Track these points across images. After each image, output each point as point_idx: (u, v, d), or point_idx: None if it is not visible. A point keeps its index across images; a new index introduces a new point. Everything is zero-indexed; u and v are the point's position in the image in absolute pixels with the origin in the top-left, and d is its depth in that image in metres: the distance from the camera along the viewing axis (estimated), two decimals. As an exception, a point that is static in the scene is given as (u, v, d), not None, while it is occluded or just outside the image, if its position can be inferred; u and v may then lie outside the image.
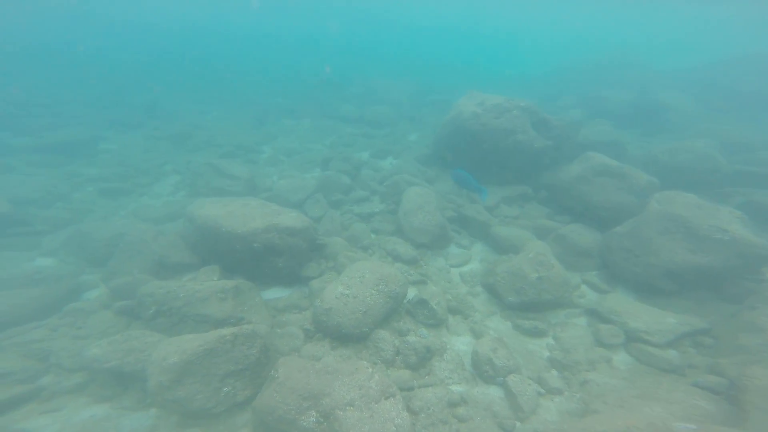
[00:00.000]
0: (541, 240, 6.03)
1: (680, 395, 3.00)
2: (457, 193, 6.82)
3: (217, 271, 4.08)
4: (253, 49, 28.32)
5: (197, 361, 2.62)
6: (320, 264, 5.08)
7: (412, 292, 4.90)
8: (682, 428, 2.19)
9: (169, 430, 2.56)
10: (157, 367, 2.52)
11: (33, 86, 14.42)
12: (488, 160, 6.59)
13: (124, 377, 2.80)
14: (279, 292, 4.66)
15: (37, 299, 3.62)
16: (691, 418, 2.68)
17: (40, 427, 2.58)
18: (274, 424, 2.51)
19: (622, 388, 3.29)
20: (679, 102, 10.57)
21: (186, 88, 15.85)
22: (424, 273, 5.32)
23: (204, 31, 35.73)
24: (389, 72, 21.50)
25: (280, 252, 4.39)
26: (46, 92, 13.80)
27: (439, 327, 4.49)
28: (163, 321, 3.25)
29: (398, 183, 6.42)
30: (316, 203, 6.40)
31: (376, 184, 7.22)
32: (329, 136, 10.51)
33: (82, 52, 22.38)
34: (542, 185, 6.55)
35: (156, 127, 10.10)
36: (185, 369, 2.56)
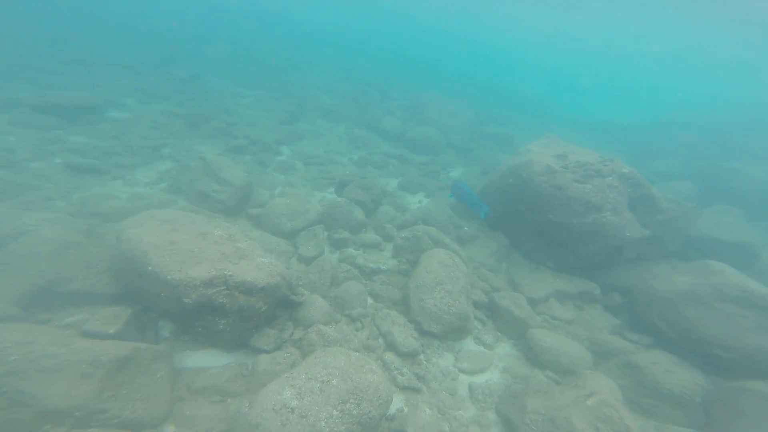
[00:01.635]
0: (598, 363, 4.48)
1: None
2: (494, 267, 5.37)
3: (124, 318, 3.04)
4: (313, 42, 28.90)
5: None
6: (283, 330, 3.91)
7: (396, 403, 3.62)
8: None
9: None
10: None
11: (97, 46, 15.31)
12: (549, 235, 5.10)
13: None
14: (212, 357, 3.53)
15: None
16: None
17: None
18: None
19: None
20: None
21: (235, 68, 15.99)
22: (421, 375, 3.97)
23: (273, 17, 37.64)
24: (447, 90, 20.47)
25: (225, 313, 3.30)
26: (103, 52, 14.51)
27: (418, 476, 3.17)
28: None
29: (420, 239, 5.13)
30: (312, 238, 5.30)
31: (393, 228, 5.98)
32: (360, 150, 9.54)
33: (157, 18, 24.10)
34: (617, 286, 4.91)
35: (181, 102, 9.82)
36: None
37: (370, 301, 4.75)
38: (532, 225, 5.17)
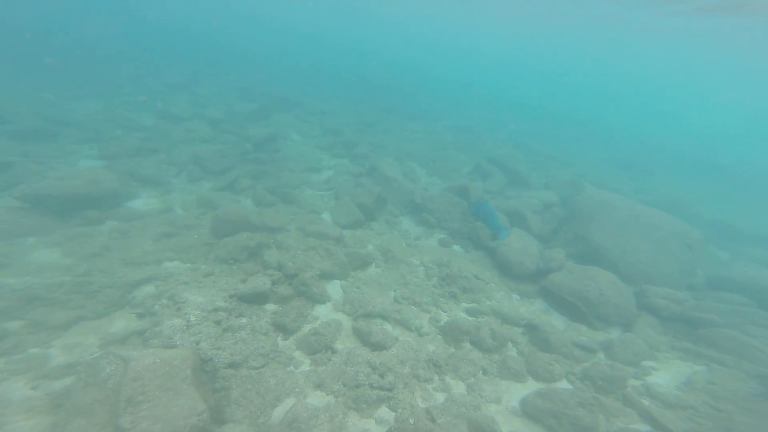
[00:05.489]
0: None
1: None
2: None
3: None
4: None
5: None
6: None
7: None
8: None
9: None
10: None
11: (212, 94, 16.64)
12: None
13: None
14: None
15: None
16: None
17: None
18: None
19: None
20: None
21: (325, 125, 15.16)
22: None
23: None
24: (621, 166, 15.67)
25: None
26: (209, 102, 15.45)
27: None
28: None
29: None
30: None
31: None
32: (456, 302, 6.24)
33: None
34: None
35: (233, 181, 8.44)
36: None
37: None
38: None
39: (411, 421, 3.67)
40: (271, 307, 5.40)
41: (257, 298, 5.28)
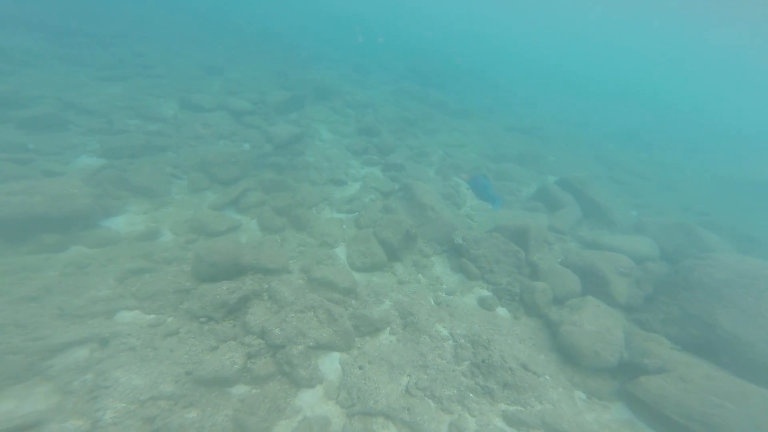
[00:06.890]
0: None
1: None
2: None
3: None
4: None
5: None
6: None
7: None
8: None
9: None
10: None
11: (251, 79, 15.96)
12: None
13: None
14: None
15: None
16: None
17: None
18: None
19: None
20: None
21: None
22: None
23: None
24: None
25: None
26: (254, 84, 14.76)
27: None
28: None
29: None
30: None
31: None
32: (498, 401, 4.66)
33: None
34: None
35: (240, 196, 7.42)
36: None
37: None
38: None
39: None
40: (240, 389, 4.25)
41: (220, 382, 4.15)
